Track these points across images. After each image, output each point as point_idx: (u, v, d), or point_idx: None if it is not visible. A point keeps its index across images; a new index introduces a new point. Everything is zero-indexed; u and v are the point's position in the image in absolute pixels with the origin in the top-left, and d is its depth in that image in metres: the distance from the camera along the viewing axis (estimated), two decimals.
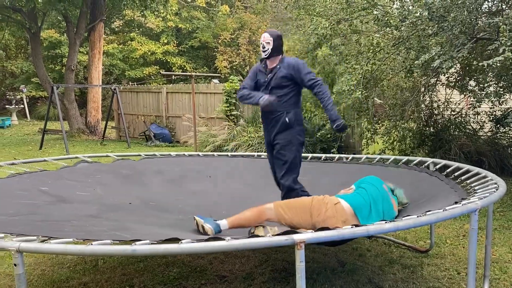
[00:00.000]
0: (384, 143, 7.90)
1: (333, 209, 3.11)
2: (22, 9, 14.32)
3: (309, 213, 3.10)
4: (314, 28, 6.68)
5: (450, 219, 2.38)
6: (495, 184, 2.72)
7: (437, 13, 5.16)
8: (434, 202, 2.79)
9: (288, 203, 3.29)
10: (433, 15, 4.88)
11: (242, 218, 3.26)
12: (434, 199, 2.94)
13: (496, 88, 7.16)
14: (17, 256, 1.84)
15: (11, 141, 14.51)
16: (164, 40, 22.13)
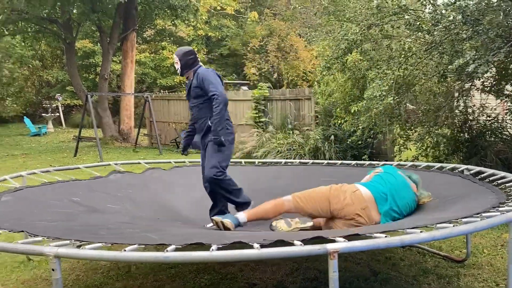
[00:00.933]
0: (417, 149, 7.73)
1: (352, 197, 3.15)
2: (58, 20, 14.80)
3: (328, 201, 3.16)
4: (344, 34, 6.63)
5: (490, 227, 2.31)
6: None
7: (471, 17, 5.03)
8: (471, 201, 2.70)
9: (306, 194, 3.37)
10: (467, 19, 4.76)
11: (260, 211, 3.35)
12: (470, 198, 2.86)
13: None
14: (55, 262, 1.88)
15: (47, 148, 14.95)
16: (194, 48, 22.40)
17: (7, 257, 4.32)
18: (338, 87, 8.26)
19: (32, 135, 19.15)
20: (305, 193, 3.38)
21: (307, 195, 3.32)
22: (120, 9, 14.18)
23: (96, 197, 4.07)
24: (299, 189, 3.51)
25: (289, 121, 10.88)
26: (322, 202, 3.22)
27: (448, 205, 2.99)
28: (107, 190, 4.32)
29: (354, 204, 3.12)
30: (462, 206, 2.72)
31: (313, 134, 9.52)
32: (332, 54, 7.12)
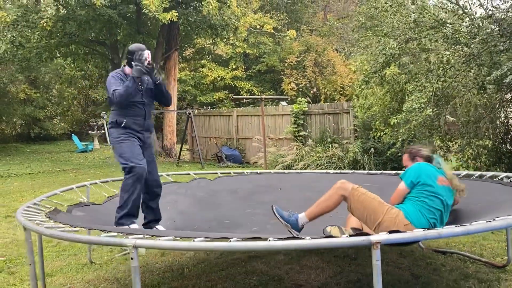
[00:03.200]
0: (457, 160, 7.76)
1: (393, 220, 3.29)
2: (105, 42, 15.66)
3: (378, 218, 3.27)
4: (382, 48, 6.82)
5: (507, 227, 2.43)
6: None
7: (508, 29, 5.15)
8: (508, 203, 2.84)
9: (364, 193, 3.49)
10: (504, 31, 4.88)
11: (318, 204, 3.55)
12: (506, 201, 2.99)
13: None
14: (134, 251, 2.18)
15: (95, 163, 15.70)
16: (233, 66, 22.97)
17: (72, 260, 4.72)
18: (377, 100, 8.41)
19: (79, 152, 20.07)
20: (363, 192, 3.51)
21: (364, 195, 3.46)
22: (163, 29, 14.87)
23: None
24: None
25: (328, 135, 11.07)
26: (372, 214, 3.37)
27: (488, 209, 3.13)
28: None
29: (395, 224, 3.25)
30: (502, 209, 2.86)
31: (352, 147, 9.68)
32: (370, 68, 7.31)
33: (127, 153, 4.02)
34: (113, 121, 4.12)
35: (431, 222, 3.31)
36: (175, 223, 4.12)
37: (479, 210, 3.17)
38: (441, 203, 3.37)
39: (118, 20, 13.10)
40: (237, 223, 4.31)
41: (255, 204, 4.78)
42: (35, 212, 3.34)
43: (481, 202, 3.33)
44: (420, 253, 4.64)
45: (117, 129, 4.09)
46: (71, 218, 3.34)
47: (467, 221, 2.82)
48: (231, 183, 5.29)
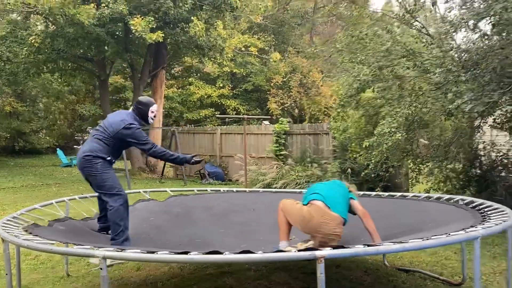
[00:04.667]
0: (428, 183, 8.08)
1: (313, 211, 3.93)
2: (93, 58, 15.89)
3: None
4: (356, 75, 7.17)
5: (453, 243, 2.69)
6: (506, 216, 3.02)
7: (469, 61, 5.52)
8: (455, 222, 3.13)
9: (285, 203, 4.25)
10: (465, 64, 5.24)
11: (279, 226, 4.17)
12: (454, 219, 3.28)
13: None
14: (103, 262, 2.39)
15: (79, 178, 15.72)
16: (220, 84, 23.32)
17: (49, 273, 4.88)
18: (353, 123, 8.75)
19: (63, 166, 20.07)
20: (287, 205, 4.24)
21: (287, 208, 4.20)
22: (151, 48, 15.16)
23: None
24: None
25: (308, 154, 11.36)
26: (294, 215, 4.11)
27: (433, 224, 3.42)
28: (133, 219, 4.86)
29: (315, 216, 3.91)
30: (444, 226, 3.15)
31: (331, 167, 9.97)
32: (345, 93, 7.65)
33: (116, 183, 4.37)
34: (100, 155, 4.35)
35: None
36: (149, 236, 4.32)
37: (430, 229, 3.45)
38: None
39: (106, 38, 13.36)
40: (208, 243, 4.50)
41: (228, 224, 4.99)
42: (15, 225, 3.53)
43: (434, 221, 3.61)
44: (384, 270, 4.88)
45: (102, 160, 4.36)
46: (48, 231, 3.54)
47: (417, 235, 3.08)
48: (207, 201, 5.51)
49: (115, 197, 4.27)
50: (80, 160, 4.37)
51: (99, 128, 4.52)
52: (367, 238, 3.82)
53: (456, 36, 6.87)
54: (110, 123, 4.47)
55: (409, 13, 7.08)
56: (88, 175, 4.38)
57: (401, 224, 4.00)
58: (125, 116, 4.51)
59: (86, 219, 4.75)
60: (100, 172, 4.30)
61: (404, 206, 4.14)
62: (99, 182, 4.31)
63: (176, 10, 12.83)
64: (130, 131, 4.37)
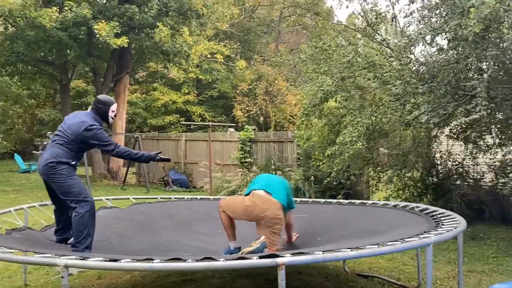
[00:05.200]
0: (387, 190, 8.33)
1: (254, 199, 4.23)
2: (54, 62, 15.52)
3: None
4: (320, 85, 7.34)
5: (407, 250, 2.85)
6: (457, 223, 3.19)
7: (427, 74, 5.77)
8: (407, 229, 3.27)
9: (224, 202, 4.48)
10: (422, 77, 5.48)
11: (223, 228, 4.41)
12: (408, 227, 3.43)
13: (496, 141, 7.65)
14: (65, 271, 2.37)
15: (38, 185, 15.28)
16: (185, 90, 23.22)
17: (6, 282, 4.74)
18: (317, 132, 8.92)
19: (21, 172, 19.45)
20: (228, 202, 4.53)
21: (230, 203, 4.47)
22: (115, 53, 14.96)
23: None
24: None
25: (272, 162, 11.47)
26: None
27: (389, 231, 3.56)
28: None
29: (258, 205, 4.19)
30: (400, 232, 3.29)
31: (294, 174, 10.10)
32: (309, 103, 7.80)
33: (82, 189, 4.30)
34: (64, 161, 4.24)
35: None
36: (111, 244, 4.27)
37: (386, 234, 3.60)
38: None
39: (69, 42, 13.09)
40: (171, 251, 4.49)
41: (192, 233, 5.00)
42: None
43: (390, 227, 3.76)
44: (345, 276, 5.01)
45: (67, 166, 4.25)
46: (6, 240, 3.46)
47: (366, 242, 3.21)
48: (171, 208, 5.49)
49: (82, 203, 4.17)
50: (43, 168, 4.24)
51: (59, 132, 4.38)
52: (323, 239, 3.98)
53: (414, 50, 7.17)
54: (68, 125, 4.34)
55: (370, 26, 7.32)
56: (52, 182, 4.26)
57: (359, 228, 4.16)
58: (84, 117, 4.38)
59: (46, 228, 4.64)
60: (65, 178, 4.19)
61: (362, 212, 4.29)
62: (65, 189, 4.20)
63: (141, 15, 12.74)
64: (92, 133, 4.27)
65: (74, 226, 4.15)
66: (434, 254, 5.76)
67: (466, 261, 5.60)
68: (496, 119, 6.95)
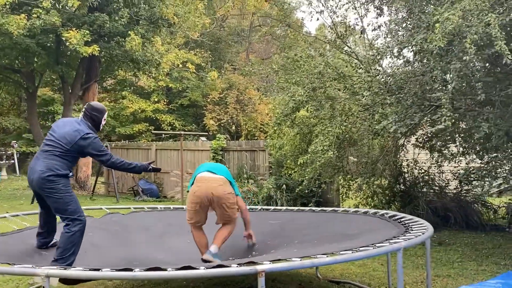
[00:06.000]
0: (357, 198, 8.54)
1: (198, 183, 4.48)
2: (21, 70, 15.17)
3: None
4: (292, 95, 7.48)
5: (379, 255, 2.99)
6: (424, 229, 3.35)
7: (395, 85, 5.99)
8: (377, 234, 3.41)
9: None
10: (390, 88, 5.69)
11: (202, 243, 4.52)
12: (377, 232, 3.57)
13: (460, 149, 7.97)
14: (46, 280, 2.37)
15: (2, 196, 14.85)
16: (155, 99, 23.04)
17: None
18: (288, 140, 9.06)
19: None
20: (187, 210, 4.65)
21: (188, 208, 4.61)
22: (83, 61, 14.76)
23: None
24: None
25: (244, 171, 11.54)
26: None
27: (360, 237, 3.70)
28: None
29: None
30: (370, 237, 3.43)
31: (266, 183, 10.20)
32: (282, 112, 7.94)
33: (78, 206, 4.19)
34: (61, 173, 4.11)
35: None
36: (86, 253, 4.23)
37: (357, 238, 3.73)
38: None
39: (36, 50, 12.84)
40: (147, 262, 4.49)
41: (166, 248, 4.98)
42: None
43: (361, 232, 3.90)
44: (317, 283, 5.12)
45: (64, 179, 4.13)
46: None
47: (340, 247, 3.34)
48: (145, 219, 5.48)
49: (76, 222, 4.06)
50: (39, 181, 4.05)
51: (50, 142, 4.20)
52: (296, 242, 4.10)
53: (382, 62, 7.42)
54: (61, 135, 4.18)
55: (340, 39, 7.53)
56: (49, 197, 4.08)
57: (331, 234, 4.30)
58: (77, 125, 4.25)
59: (19, 230, 4.55)
60: (64, 194, 4.06)
61: (334, 219, 4.43)
62: (62, 206, 4.05)
63: (111, 23, 12.63)
64: (89, 141, 4.17)
65: (63, 242, 4.01)
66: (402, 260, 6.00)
67: (433, 266, 5.80)
68: (460, 128, 7.28)
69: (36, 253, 4.17)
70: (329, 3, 7.63)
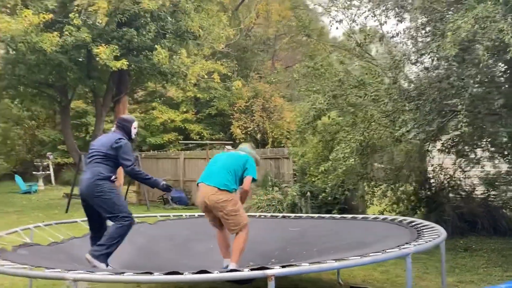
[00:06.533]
0: (381, 205, 8.53)
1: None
2: (54, 84, 15.82)
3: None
4: (312, 104, 7.60)
5: (388, 260, 3.07)
6: (437, 234, 3.41)
7: (414, 92, 6.04)
8: (394, 240, 3.49)
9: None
10: (408, 95, 5.74)
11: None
12: (394, 238, 3.65)
13: (486, 153, 7.89)
14: (73, 285, 2.58)
15: (39, 205, 15.46)
16: (184, 109, 23.52)
17: None
18: (311, 148, 9.16)
19: (22, 193, 19.59)
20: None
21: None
22: (114, 74, 15.27)
23: None
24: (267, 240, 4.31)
25: (269, 178, 11.67)
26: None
27: (375, 243, 3.78)
28: None
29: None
30: (384, 243, 3.51)
31: (291, 190, 10.30)
32: (303, 120, 8.06)
33: (124, 205, 4.65)
34: (106, 175, 4.56)
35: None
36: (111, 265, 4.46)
37: (371, 244, 3.82)
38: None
39: (69, 65, 13.41)
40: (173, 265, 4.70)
41: (190, 255, 5.18)
42: None
43: (377, 238, 3.98)
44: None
45: (108, 181, 4.57)
46: (16, 256, 3.66)
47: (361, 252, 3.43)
48: (170, 228, 5.68)
49: (125, 218, 4.47)
50: (87, 187, 4.53)
51: (93, 152, 4.72)
52: (315, 249, 4.20)
53: (404, 68, 7.45)
54: (100, 144, 4.74)
55: (359, 46, 7.60)
56: (98, 199, 4.49)
57: (348, 240, 4.38)
58: (111, 134, 4.86)
59: (52, 244, 4.84)
60: (110, 193, 4.50)
61: (353, 226, 4.51)
62: (110, 205, 4.47)
63: (139, 38, 13.07)
64: (121, 144, 4.60)
65: (111, 231, 4.41)
66: (426, 266, 6.01)
67: (457, 271, 5.80)
68: (486, 133, 7.21)
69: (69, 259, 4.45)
70: (349, 12, 7.70)
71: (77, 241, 5.13)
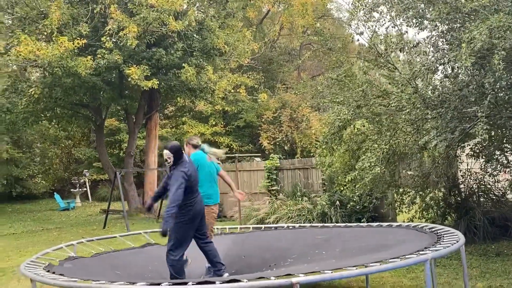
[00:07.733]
0: (410, 212, 8.58)
1: None
2: (89, 104, 16.52)
3: None
4: (337, 115, 7.78)
5: (407, 266, 3.20)
6: (456, 240, 3.54)
7: (434, 101, 6.14)
8: (414, 246, 3.65)
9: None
10: (428, 105, 5.86)
11: None
12: (414, 244, 3.80)
13: None
14: None
15: (77, 222, 16.09)
16: (213, 122, 23.99)
17: None
18: (338, 158, 9.30)
19: (61, 210, 20.36)
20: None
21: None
22: (145, 93, 15.85)
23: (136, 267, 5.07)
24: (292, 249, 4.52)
25: (298, 189, 11.86)
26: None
27: (396, 249, 3.94)
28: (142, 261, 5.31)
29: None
30: (405, 249, 3.67)
31: (320, 200, 10.45)
32: (328, 131, 8.23)
33: None
34: None
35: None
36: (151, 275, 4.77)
37: (391, 250, 3.97)
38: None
39: (102, 86, 14.03)
40: None
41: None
42: (35, 267, 4.00)
43: (396, 244, 4.14)
44: None
45: None
46: (66, 270, 4.00)
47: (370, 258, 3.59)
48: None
49: None
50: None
51: None
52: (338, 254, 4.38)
53: (427, 77, 7.54)
54: None
55: (381, 57, 7.74)
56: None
57: (371, 247, 4.54)
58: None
59: (95, 255, 5.19)
60: None
61: (378, 233, 4.67)
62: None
63: (168, 57, 13.57)
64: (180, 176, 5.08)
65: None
66: (456, 271, 6.06)
67: (487, 276, 5.84)
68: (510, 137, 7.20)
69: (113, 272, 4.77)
70: (369, 24, 7.85)
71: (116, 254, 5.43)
